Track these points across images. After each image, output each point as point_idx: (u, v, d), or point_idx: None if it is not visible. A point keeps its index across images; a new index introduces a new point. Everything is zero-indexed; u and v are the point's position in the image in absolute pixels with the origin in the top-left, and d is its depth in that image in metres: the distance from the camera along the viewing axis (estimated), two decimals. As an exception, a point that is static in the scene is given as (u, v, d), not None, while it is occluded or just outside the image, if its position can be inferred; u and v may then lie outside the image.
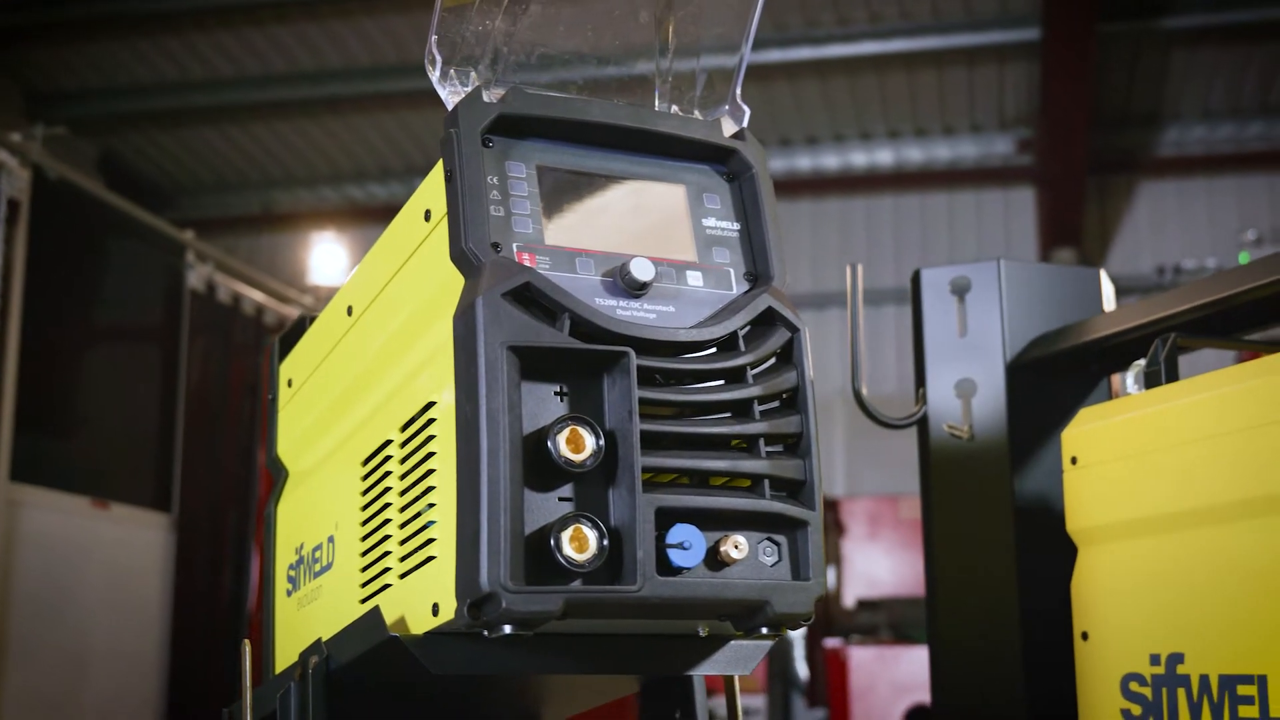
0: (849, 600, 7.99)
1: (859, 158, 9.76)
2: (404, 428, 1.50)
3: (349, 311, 1.72)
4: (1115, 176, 9.75)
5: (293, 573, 1.86)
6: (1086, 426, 1.99)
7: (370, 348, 1.64)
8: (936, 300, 2.31)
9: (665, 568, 1.35)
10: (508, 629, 1.30)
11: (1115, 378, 2.30)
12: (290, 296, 7.09)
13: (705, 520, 1.39)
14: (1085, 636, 1.96)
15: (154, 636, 5.69)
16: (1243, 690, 1.70)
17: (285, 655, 1.85)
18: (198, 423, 6.08)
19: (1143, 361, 1.98)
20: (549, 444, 1.32)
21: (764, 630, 1.42)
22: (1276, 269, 1.87)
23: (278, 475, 1.96)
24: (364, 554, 1.58)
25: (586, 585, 1.32)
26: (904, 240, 10.01)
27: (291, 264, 9.69)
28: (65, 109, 8.66)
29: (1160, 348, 1.95)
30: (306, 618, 1.78)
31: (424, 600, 1.40)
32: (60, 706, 5.15)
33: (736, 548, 1.38)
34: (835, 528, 8.30)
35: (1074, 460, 1.99)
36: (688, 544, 1.36)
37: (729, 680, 1.73)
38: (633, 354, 1.36)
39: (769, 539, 1.43)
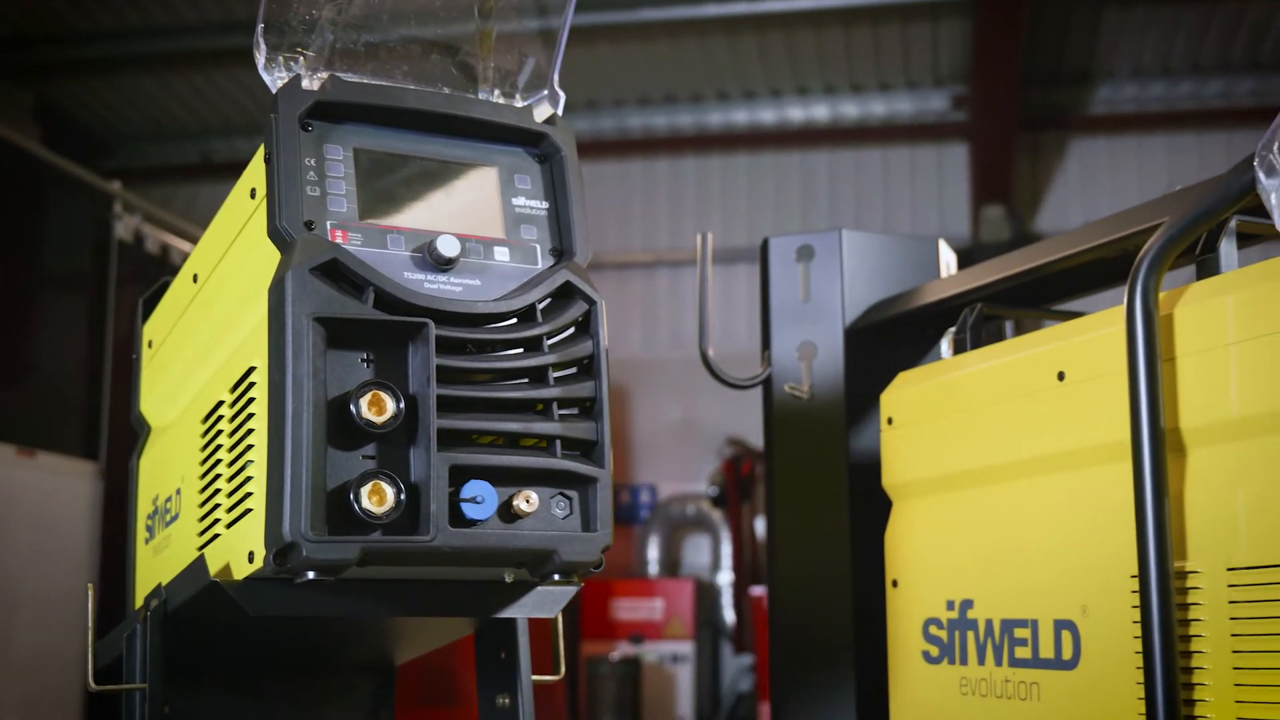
0: (775, 548, 8.17)
1: (795, 113, 9.86)
2: (233, 389, 1.62)
3: (195, 279, 1.84)
4: (1047, 133, 9.89)
5: (150, 522, 1.98)
6: (901, 390, 2.13)
7: (211, 314, 1.76)
8: (782, 267, 2.44)
9: (459, 520, 1.49)
10: (311, 575, 1.43)
11: (952, 342, 2.45)
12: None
13: (501, 477, 1.52)
14: (895, 584, 2.12)
15: (82, 583, 5.79)
16: (1019, 633, 1.86)
17: (142, 600, 1.98)
18: (125, 372, 6.15)
19: (954, 328, 2.12)
20: (352, 407, 1.45)
21: (556, 577, 1.56)
22: (1075, 244, 2.00)
23: (141, 430, 2.08)
24: (201, 505, 1.71)
25: (385, 536, 1.45)
26: (839, 195, 10.13)
27: (231, 213, 9.70)
28: (-1, 57, 8.64)
29: (969, 316, 2.09)
30: (160, 564, 1.90)
31: (244, 548, 1.53)
32: (-13, 651, 5.26)
33: (527, 501, 1.52)
34: (767, 479, 8.46)
35: (890, 420, 2.14)
36: (480, 498, 1.50)
37: (553, 623, 1.86)
38: (431, 324, 1.48)
39: (561, 494, 1.56)
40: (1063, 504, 1.80)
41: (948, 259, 2.51)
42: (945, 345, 2.14)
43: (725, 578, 8.72)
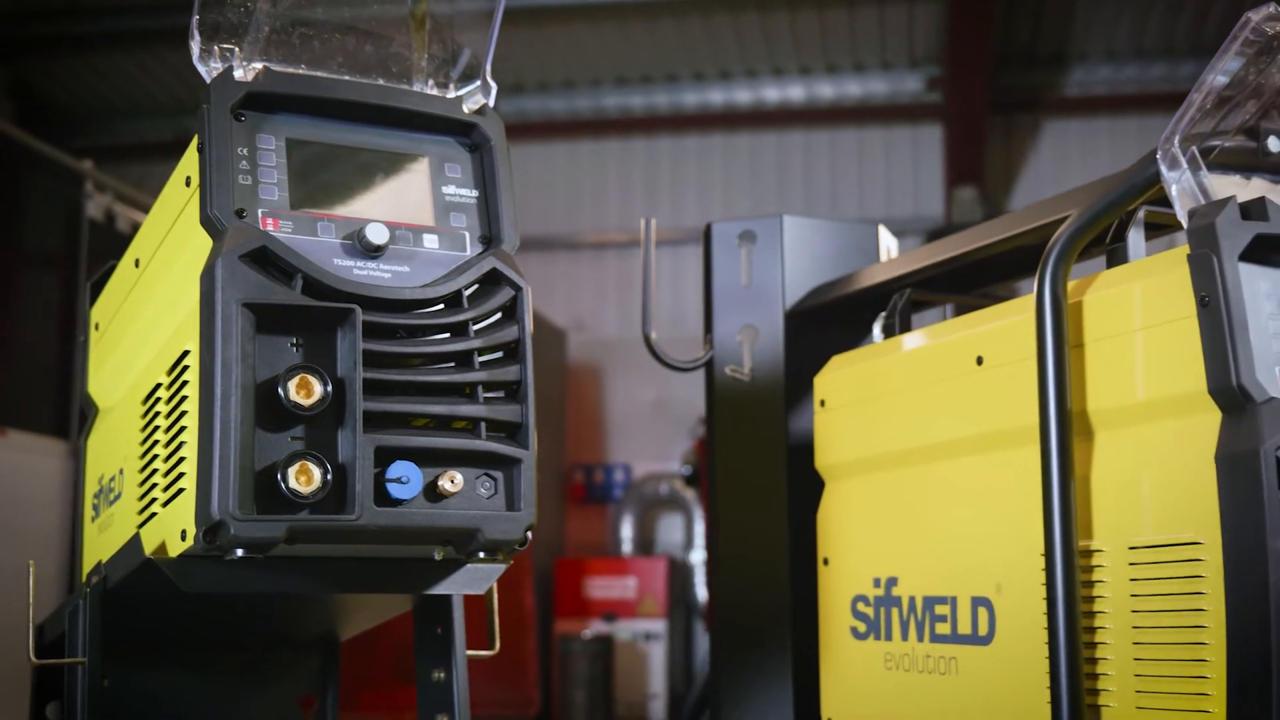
0: (747, 527, 8.22)
1: (771, 93, 9.89)
2: (169, 372, 1.67)
3: (136, 264, 1.88)
4: (1021, 115, 9.94)
5: (96, 501, 2.03)
6: (833, 373, 2.18)
7: (151, 299, 1.80)
8: (725, 251, 2.49)
9: (384, 499, 1.53)
10: (239, 552, 1.48)
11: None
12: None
13: (427, 458, 1.56)
14: (826, 562, 2.18)
15: (53, 560, 5.82)
16: (939, 610, 1.92)
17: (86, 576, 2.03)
18: (97, 351, 6.17)
19: (885, 313, 2.17)
20: (280, 390, 1.49)
21: (481, 555, 1.61)
22: (994, 233, 2.05)
23: (89, 411, 2.13)
24: (140, 485, 1.76)
25: (312, 515, 1.50)
26: (814, 176, 10.18)
27: (206, 192, 9.68)
28: (-29, 33, 8.62)
29: (898, 300, 2.15)
30: (104, 542, 1.95)
31: (177, 527, 1.58)
32: (-43, 628, 5.29)
33: (452, 482, 1.57)
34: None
35: (823, 403, 2.19)
36: (405, 479, 1.54)
37: (488, 600, 1.91)
38: (358, 310, 1.53)
39: (486, 474, 1.61)
40: (981, 485, 1.86)
41: (888, 244, 2.56)
42: (876, 329, 2.19)
43: (698, 556, 8.78)
